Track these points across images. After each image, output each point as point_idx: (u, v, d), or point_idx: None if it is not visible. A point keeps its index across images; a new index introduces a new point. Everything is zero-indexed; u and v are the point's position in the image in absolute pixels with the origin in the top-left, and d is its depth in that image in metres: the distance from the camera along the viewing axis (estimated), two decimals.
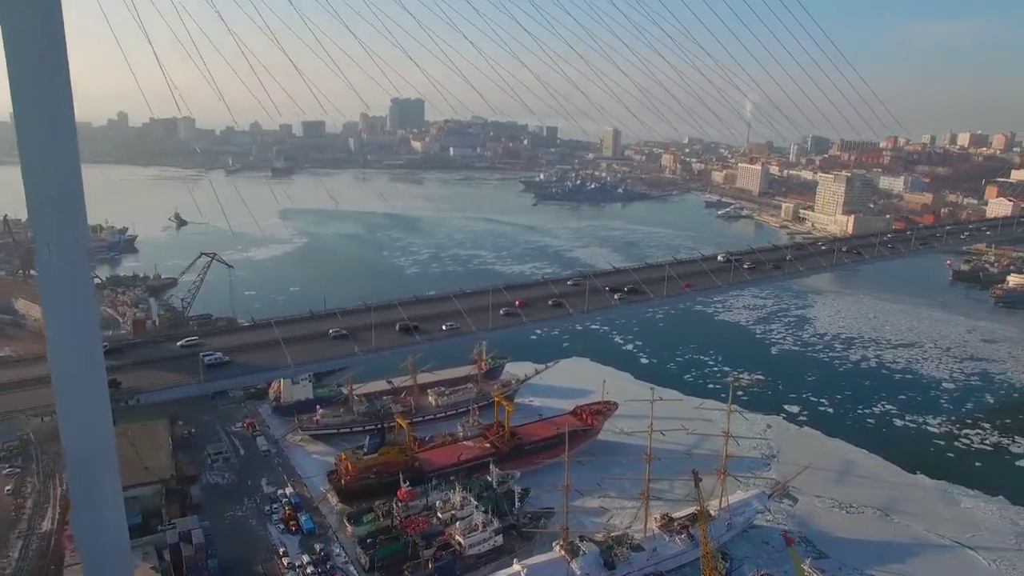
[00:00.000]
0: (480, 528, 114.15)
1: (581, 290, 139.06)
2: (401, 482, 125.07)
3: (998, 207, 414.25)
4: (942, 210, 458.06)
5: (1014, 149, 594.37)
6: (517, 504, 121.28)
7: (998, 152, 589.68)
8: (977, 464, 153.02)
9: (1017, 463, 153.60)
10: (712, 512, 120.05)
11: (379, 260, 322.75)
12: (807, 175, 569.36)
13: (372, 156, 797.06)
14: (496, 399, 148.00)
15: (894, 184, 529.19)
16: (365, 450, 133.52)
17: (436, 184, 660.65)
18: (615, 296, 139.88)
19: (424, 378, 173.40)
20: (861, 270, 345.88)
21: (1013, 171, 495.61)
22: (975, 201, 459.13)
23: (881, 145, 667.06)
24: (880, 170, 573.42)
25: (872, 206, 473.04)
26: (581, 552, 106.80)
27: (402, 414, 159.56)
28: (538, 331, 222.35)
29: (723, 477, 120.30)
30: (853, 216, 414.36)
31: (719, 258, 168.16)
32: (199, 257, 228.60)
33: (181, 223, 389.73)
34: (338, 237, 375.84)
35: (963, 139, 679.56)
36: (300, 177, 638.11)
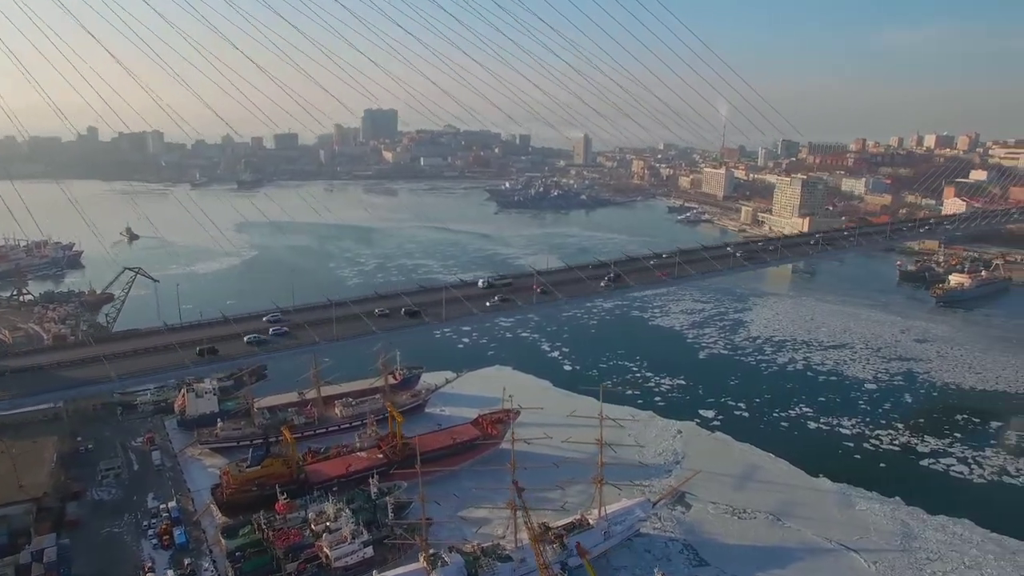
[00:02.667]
0: (348, 540, 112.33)
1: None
2: (279, 495, 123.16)
3: (953, 207, 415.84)
4: (900, 211, 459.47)
5: (976, 149, 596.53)
6: (391, 515, 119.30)
7: (961, 153, 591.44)
8: (881, 465, 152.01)
9: (921, 463, 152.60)
10: (591, 521, 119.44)
11: (324, 271, 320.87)
12: (772, 179, 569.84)
13: (342, 167, 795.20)
14: (389, 410, 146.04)
15: (855, 186, 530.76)
16: (248, 463, 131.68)
17: (402, 194, 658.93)
18: (602, 283, 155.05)
19: (333, 389, 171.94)
20: (818, 272, 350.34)
21: (972, 171, 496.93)
22: (932, 202, 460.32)
23: (850, 147, 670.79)
24: (843, 172, 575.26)
25: (831, 208, 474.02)
26: (441, 563, 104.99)
27: (304, 425, 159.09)
28: (465, 339, 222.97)
29: (599, 485, 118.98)
30: (809, 218, 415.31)
31: (479, 284, 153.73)
32: (122, 272, 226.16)
33: (133, 237, 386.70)
34: (288, 249, 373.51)
35: (929, 140, 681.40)
36: (267, 190, 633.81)
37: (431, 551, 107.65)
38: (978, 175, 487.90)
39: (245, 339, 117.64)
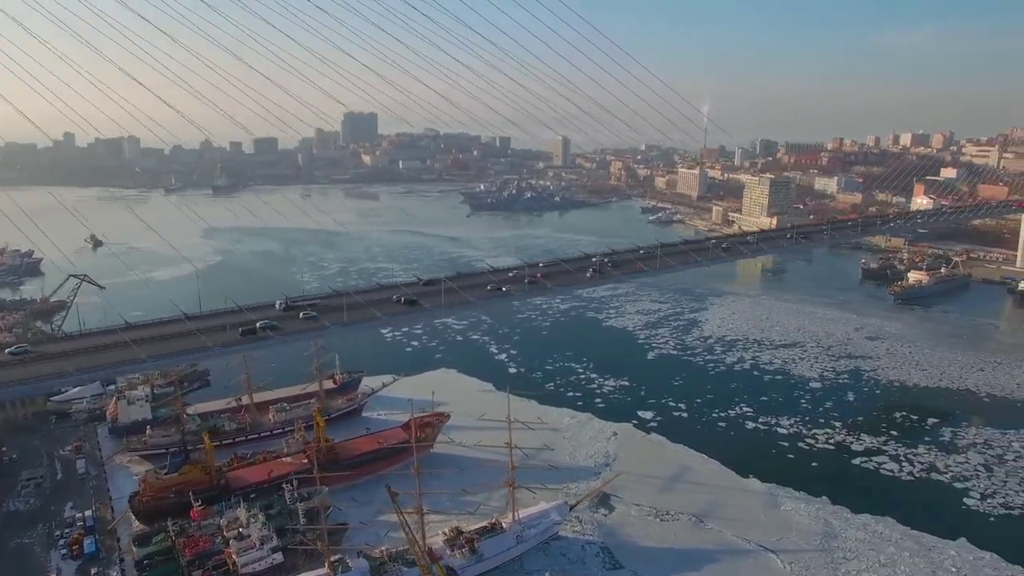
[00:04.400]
0: (257, 546, 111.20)
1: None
2: (193, 501, 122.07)
3: (920, 205, 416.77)
4: (870, 209, 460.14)
5: (950, 148, 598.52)
6: (302, 520, 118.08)
7: (935, 151, 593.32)
8: (814, 465, 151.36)
9: (853, 461, 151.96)
10: (505, 525, 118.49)
11: (285, 276, 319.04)
12: (747, 178, 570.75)
13: (319, 171, 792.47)
14: (314, 415, 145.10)
15: (828, 185, 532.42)
16: (166, 470, 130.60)
17: (378, 198, 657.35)
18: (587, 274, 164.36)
19: (270, 395, 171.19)
20: (786, 271, 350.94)
21: (942, 169, 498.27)
22: (903, 200, 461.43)
23: (828, 147, 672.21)
24: (817, 171, 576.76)
25: (802, 207, 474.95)
26: (343, 568, 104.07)
27: (236, 431, 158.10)
28: (415, 343, 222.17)
29: (512, 489, 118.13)
30: (776, 217, 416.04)
31: (276, 306, 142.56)
32: (67, 279, 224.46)
33: (97, 244, 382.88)
34: (253, 255, 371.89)
35: (905, 139, 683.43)
36: (243, 195, 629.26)
37: (336, 557, 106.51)
38: (948, 173, 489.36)
39: (258, 324, 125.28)
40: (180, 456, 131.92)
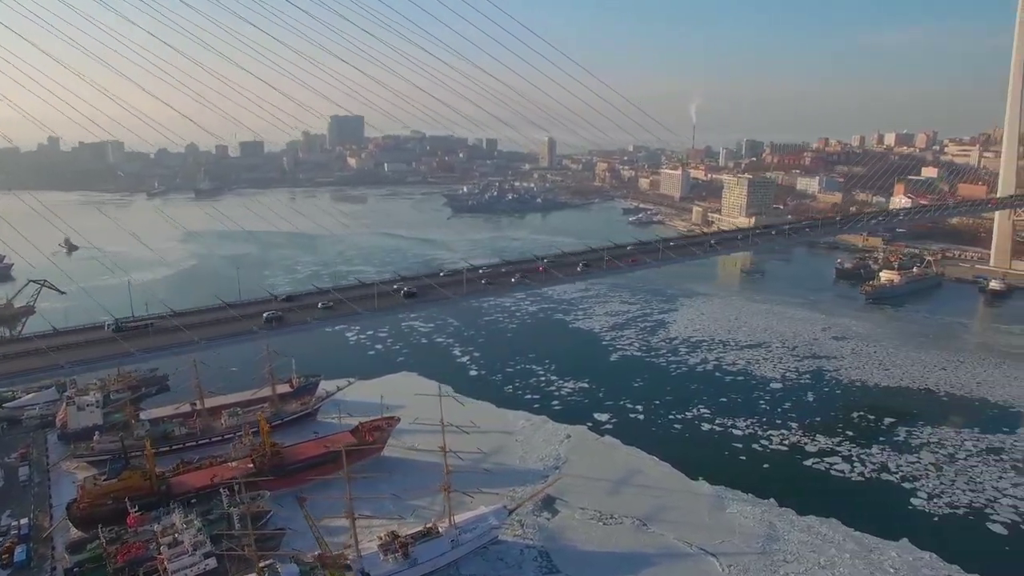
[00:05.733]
0: (189, 552, 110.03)
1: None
2: (129, 507, 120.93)
3: (898, 204, 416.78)
4: (851, 208, 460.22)
5: (933, 147, 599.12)
6: (237, 525, 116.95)
7: (918, 150, 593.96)
8: (765, 467, 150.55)
9: (805, 463, 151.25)
10: (441, 529, 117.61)
11: (258, 279, 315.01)
12: (728, 179, 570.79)
13: (304, 174, 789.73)
14: (259, 419, 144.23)
15: (810, 184, 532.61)
16: (105, 475, 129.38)
17: (364, 200, 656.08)
18: (578, 267, 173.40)
19: (224, 399, 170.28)
20: (765, 273, 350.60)
21: (923, 168, 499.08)
22: (882, 199, 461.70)
23: (813, 146, 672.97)
24: (799, 171, 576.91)
25: (782, 207, 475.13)
26: (269, 574, 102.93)
27: (186, 436, 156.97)
28: (378, 346, 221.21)
29: (447, 493, 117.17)
30: (754, 217, 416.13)
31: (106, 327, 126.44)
32: (27, 284, 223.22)
33: (72, 249, 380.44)
34: (228, 258, 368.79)
35: (889, 139, 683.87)
36: (226, 199, 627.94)
37: (267, 562, 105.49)
38: (929, 172, 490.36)
39: (264, 316, 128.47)
40: (120, 462, 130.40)
